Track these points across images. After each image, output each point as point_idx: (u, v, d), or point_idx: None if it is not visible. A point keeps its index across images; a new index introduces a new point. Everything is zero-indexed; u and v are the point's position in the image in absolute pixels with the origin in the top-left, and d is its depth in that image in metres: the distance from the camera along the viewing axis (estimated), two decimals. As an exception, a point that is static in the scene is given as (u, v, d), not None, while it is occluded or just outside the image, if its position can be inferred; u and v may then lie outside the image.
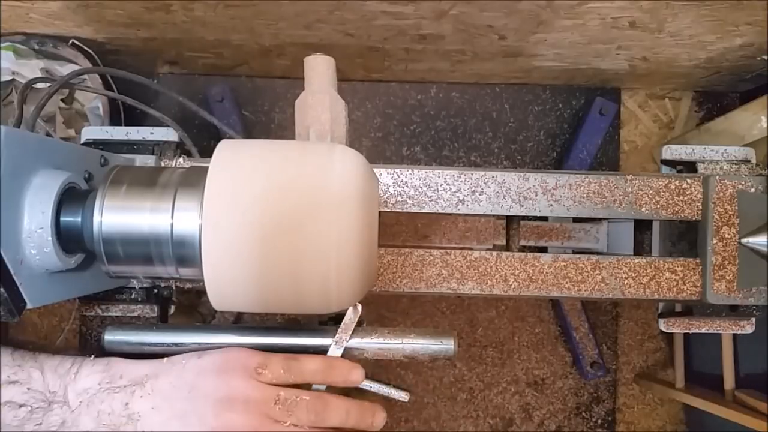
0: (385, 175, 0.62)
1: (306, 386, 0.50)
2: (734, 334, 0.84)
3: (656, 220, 0.67)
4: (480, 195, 0.62)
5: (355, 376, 0.50)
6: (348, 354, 0.52)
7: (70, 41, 0.84)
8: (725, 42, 0.79)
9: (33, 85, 0.59)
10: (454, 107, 1.01)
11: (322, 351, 0.51)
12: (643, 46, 0.82)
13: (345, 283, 0.45)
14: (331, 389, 0.51)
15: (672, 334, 0.97)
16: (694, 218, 0.63)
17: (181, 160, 0.63)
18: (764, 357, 0.82)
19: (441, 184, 0.62)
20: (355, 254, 0.45)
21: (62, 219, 0.47)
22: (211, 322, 0.96)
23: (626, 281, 0.62)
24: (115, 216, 0.47)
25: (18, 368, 0.49)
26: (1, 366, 0.49)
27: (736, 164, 0.65)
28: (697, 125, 1.00)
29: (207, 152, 0.51)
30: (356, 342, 0.51)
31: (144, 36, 0.84)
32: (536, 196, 0.62)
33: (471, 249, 0.66)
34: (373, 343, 0.52)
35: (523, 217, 0.72)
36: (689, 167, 0.66)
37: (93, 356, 0.51)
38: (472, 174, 0.62)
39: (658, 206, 0.63)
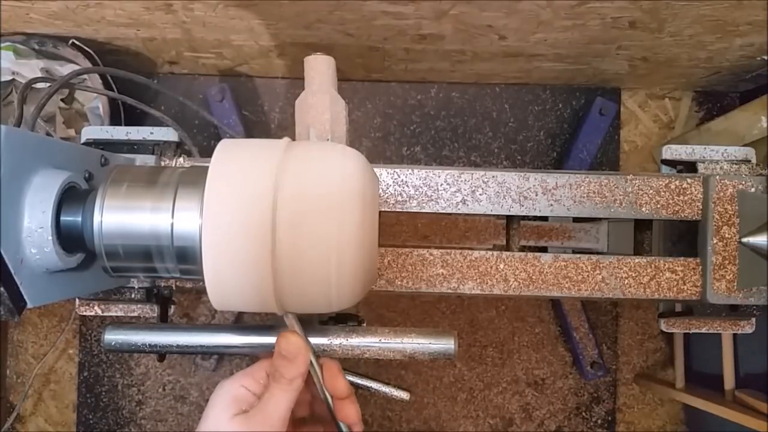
0: (385, 175, 0.62)
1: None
2: (734, 334, 0.84)
3: (656, 220, 0.67)
4: (480, 195, 0.62)
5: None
6: (349, 354, 0.52)
7: (70, 41, 0.84)
8: (725, 42, 0.79)
9: (33, 85, 0.59)
10: (454, 107, 1.01)
11: (322, 350, 0.51)
12: (643, 46, 0.82)
13: (345, 283, 0.45)
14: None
15: (672, 334, 0.97)
16: (694, 218, 0.63)
17: (181, 159, 0.63)
18: (764, 357, 0.82)
19: (441, 184, 0.62)
20: (355, 254, 0.45)
21: (62, 218, 0.47)
22: (210, 322, 0.97)
23: (626, 281, 0.62)
24: (116, 215, 0.47)
25: None
26: None
27: (736, 164, 0.65)
28: (697, 125, 1.00)
29: (207, 152, 0.51)
30: (356, 342, 0.51)
31: (144, 36, 0.84)
32: (536, 196, 0.62)
33: (471, 249, 0.66)
34: (373, 343, 0.52)
35: (523, 217, 0.72)
36: (689, 167, 0.66)
37: None
38: (472, 174, 0.62)
39: (658, 206, 0.63)
